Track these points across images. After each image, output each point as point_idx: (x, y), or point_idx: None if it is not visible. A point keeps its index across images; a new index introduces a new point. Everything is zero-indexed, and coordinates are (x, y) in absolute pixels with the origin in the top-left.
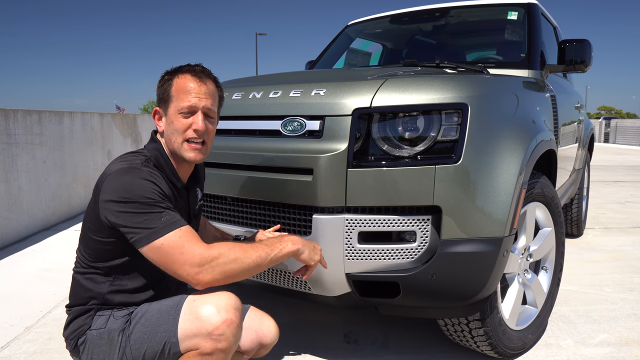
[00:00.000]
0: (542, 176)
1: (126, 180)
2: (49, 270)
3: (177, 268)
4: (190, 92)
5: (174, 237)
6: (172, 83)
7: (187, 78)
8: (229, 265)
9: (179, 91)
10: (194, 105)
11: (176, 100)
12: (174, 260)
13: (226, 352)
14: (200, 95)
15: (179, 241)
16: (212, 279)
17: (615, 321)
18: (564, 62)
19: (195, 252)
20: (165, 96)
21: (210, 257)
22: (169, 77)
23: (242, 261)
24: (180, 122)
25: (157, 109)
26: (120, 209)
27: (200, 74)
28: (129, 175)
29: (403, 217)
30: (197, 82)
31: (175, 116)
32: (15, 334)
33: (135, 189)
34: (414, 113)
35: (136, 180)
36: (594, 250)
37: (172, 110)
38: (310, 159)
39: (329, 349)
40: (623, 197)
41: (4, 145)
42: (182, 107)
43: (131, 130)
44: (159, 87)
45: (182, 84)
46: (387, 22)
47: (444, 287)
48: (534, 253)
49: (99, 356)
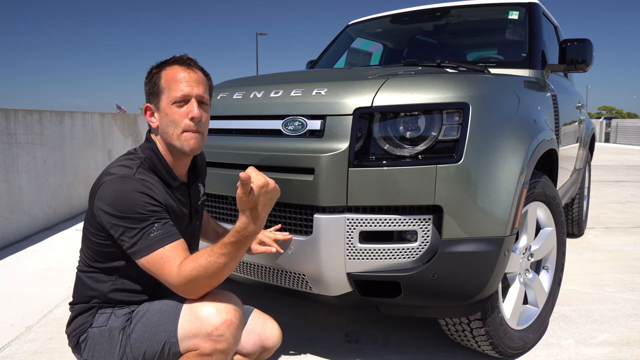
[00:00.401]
0: (544, 176)
1: (119, 193)
2: (50, 269)
3: (168, 283)
4: (181, 80)
5: (157, 255)
6: (160, 76)
7: (176, 68)
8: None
9: (169, 82)
10: (187, 94)
11: (168, 91)
12: (163, 274)
13: (225, 353)
14: (192, 84)
15: (160, 261)
16: (197, 292)
17: (616, 321)
18: (565, 62)
19: (172, 273)
20: (155, 90)
21: (184, 278)
22: (156, 70)
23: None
24: (175, 113)
25: (148, 105)
26: (114, 222)
27: (188, 62)
28: (123, 186)
29: (404, 217)
30: (186, 70)
31: (169, 107)
32: (16, 333)
33: (128, 203)
34: (415, 112)
35: (129, 193)
36: (595, 250)
37: (164, 102)
38: (311, 159)
39: (330, 349)
40: (624, 197)
41: (4, 145)
42: (176, 97)
43: (132, 130)
44: (147, 83)
45: (172, 74)
46: (387, 21)
47: (445, 287)
48: (535, 253)
49: (99, 354)
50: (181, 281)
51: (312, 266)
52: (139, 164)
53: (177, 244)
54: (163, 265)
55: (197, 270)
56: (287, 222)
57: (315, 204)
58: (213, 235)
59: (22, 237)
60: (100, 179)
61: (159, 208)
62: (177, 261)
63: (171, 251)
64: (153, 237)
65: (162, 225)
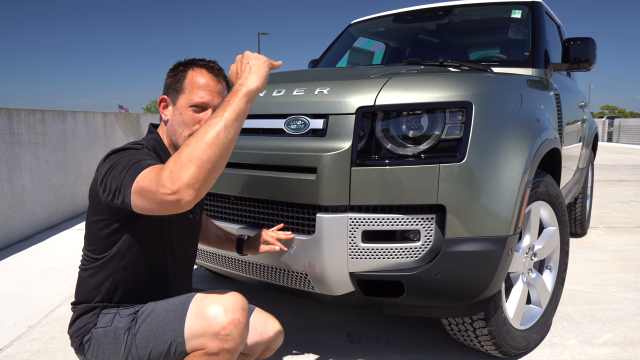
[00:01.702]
0: (547, 175)
1: (119, 154)
2: (52, 269)
3: (159, 199)
4: (205, 88)
5: (144, 173)
6: (186, 75)
7: (204, 73)
8: (193, 162)
9: (193, 84)
10: (206, 102)
11: (189, 93)
12: (152, 193)
13: (232, 353)
14: (214, 94)
15: (147, 175)
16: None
17: (620, 321)
18: (568, 61)
19: (157, 174)
20: (177, 86)
21: (168, 169)
22: (183, 68)
23: (202, 143)
24: (190, 116)
25: (165, 97)
26: (106, 168)
27: (217, 72)
28: (123, 151)
29: (407, 216)
30: (213, 79)
31: (186, 109)
32: (18, 332)
33: (125, 155)
34: (418, 111)
35: (129, 152)
36: (598, 250)
37: (182, 102)
38: (314, 158)
39: (332, 348)
40: (627, 196)
41: (7, 144)
42: (195, 102)
43: (134, 129)
44: (170, 76)
45: (198, 78)
46: (390, 20)
47: (448, 286)
48: (539, 252)
49: (104, 354)
50: (167, 178)
51: (314, 265)
52: (143, 147)
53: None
54: (149, 177)
55: (179, 153)
56: (289, 221)
57: (317, 203)
58: (214, 238)
59: (24, 236)
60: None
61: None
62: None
63: (155, 166)
64: (142, 164)
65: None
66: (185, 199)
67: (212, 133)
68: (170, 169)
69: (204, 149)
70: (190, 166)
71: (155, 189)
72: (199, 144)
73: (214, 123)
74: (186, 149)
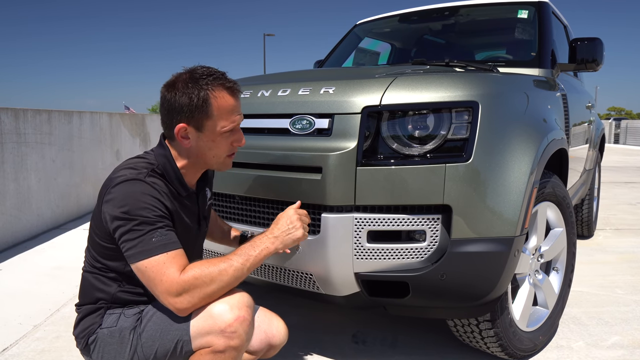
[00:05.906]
0: (554, 176)
1: (128, 195)
2: (58, 268)
3: (158, 294)
4: (234, 111)
5: (159, 260)
6: (209, 99)
7: (227, 97)
8: (205, 289)
9: (221, 111)
10: (238, 124)
11: (219, 120)
12: (155, 284)
13: (238, 350)
14: (240, 112)
15: (162, 267)
16: (190, 306)
17: (627, 323)
18: (575, 61)
19: (174, 279)
20: (200, 113)
21: (186, 284)
22: (197, 88)
23: (220, 280)
24: (223, 142)
25: (185, 125)
26: (119, 223)
27: (237, 92)
28: (132, 188)
29: (413, 217)
30: (237, 100)
31: (220, 136)
32: (23, 331)
33: (136, 206)
34: (424, 111)
35: (138, 195)
36: (605, 252)
37: (212, 128)
38: (319, 158)
39: (337, 349)
40: (634, 198)
41: (13, 144)
42: (228, 128)
43: (140, 130)
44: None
45: (225, 103)
46: (396, 21)
47: (454, 287)
48: (545, 253)
49: (110, 355)
50: (179, 289)
51: (319, 266)
52: (151, 169)
53: (179, 251)
54: (164, 271)
55: (201, 276)
56: None
57: (322, 203)
58: (218, 233)
59: (30, 236)
60: (110, 182)
61: (165, 214)
62: (178, 267)
63: (174, 257)
64: (155, 242)
65: (166, 232)
66: (181, 312)
67: (228, 278)
68: (185, 290)
69: (215, 290)
70: (202, 302)
71: (160, 291)
72: (211, 286)
73: (229, 270)
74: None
